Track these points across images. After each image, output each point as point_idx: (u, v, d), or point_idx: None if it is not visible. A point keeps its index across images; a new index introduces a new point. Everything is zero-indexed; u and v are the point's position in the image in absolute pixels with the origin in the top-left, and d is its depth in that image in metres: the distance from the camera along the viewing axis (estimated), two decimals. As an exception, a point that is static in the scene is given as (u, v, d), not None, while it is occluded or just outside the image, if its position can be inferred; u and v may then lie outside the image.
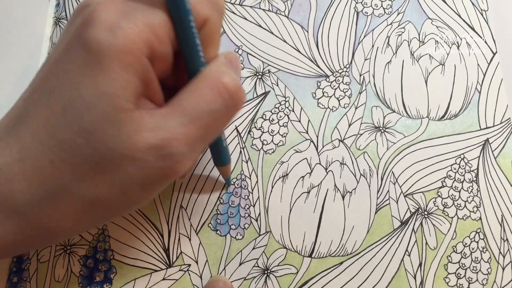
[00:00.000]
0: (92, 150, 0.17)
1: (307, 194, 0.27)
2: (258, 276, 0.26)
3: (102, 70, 0.17)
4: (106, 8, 0.17)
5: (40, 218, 0.18)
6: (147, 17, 0.17)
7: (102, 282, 0.26)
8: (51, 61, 0.18)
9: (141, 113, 0.18)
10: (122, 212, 0.20)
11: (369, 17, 0.32)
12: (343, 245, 0.27)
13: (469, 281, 0.26)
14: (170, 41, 0.18)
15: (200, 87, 0.19)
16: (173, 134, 0.18)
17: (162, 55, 0.18)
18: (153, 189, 0.19)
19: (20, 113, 0.18)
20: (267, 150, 0.28)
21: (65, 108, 0.17)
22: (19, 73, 0.30)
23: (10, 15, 0.31)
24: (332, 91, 0.30)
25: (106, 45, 0.17)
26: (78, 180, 0.17)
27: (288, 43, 0.31)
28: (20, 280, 0.26)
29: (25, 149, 0.18)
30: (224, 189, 0.27)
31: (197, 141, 0.19)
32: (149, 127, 0.17)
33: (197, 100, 0.18)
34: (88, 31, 0.17)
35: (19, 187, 0.18)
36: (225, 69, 0.19)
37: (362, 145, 0.29)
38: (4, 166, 0.18)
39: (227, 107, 0.19)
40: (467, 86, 0.30)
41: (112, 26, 0.17)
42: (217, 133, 0.20)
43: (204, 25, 0.19)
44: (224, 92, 0.19)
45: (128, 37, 0.17)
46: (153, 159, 0.18)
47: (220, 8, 0.20)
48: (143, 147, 0.17)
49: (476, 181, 0.28)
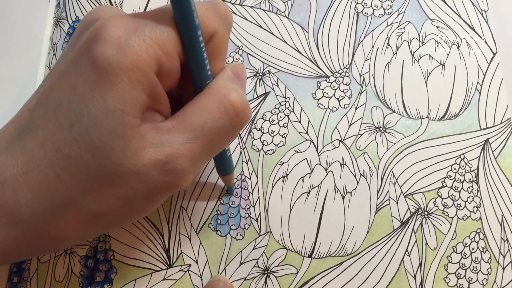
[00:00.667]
0: (98, 165, 0.17)
1: (307, 195, 0.27)
2: (258, 276, 0.26)
3: (111, 87, 0.17)
4: (115, 24, 0.17)
5: (45, 228, 0.18)
6: (155, 33, 0.17)
7: (102, 282, 0.26)
8: (58, 74, 0.18)
9: (146, 128, 0.18)
10: (126, 221, 0.20)
11: (369, 18, 0.32)
12: (343, 245, 0.27)
13: (469, 281, 0.26)
14: (178, 56, 0.18)
15: (207, 103, 0.19)
16: (178, 150, 0.18)
17: (170, 70, 0.18)
18: (157, 200, 0.19)
19: (26, 124, 0.19)
20: (267, 150, 0.28)
21: (72, 123, 0.17)
22: (19, 73, 0.30)
23: (10, 15, 0.31)
24: (332, 91, 0.30)
25: (115, 62, 0.17)
26: (83, 193, 0.18)
27: (288, 43, 0.31)
28: (21, 280, 0.26)
29: (31, 161, 0.18)
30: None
31: (201, 157, 0.19)
32: (153, 143, 0.18)
33: (203, 117, 0.18)
34: (97, 47, 0.17)
35: (24, 199, 0.18)
36: (232, 85, 0.19)
37: (362, 145, 0.29)
38: (10, 178, 0.18)
39: (233, 124, 0.19)
40: (467, 86, 0.30)
41: (120, 43, 0.17)
42: (221, 149, 0.20)
43: (211, 38, 0.19)
44: (231, 110, 0.19)
45: (136, 54, 0.17)
46: (157, 174, 0.18)
47: (228, 21, 0.20)
48: (148, 162, 0.17)
49: (476, 181, 0.28)
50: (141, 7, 0.31)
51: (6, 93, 0.29)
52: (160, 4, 0.32)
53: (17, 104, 0.29)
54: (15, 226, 0.18)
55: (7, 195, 0.18)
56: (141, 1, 0.32)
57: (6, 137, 0.19)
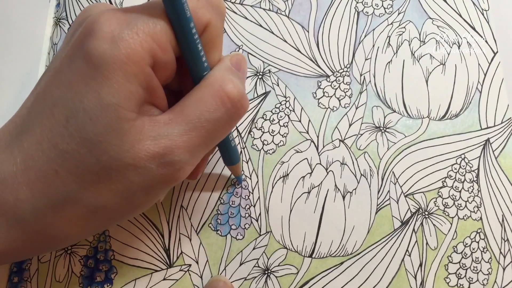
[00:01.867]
0: (96, 160, 0.17)
1: (307, 194, 0.27)
2: (259, 276, 0.26)
3: (105, 82, 0.17)
4: (107, 19, 0.17)
5: (45, 226, 0.18)
6: (148, 26, 0.17)
7: (102, 282, 0.26)
8: (53, 71, 0.18)
9: (143, 122, 0.18)
10: (126, 216, 0.20)
11: (370, 17, 0.32)
12: (343, 245, 0.27)
13: (469, 281, 0.26)
14: (172, 49, 0.18)
15: (203, 95, 0.19)
16: (175, 142, 0.18)
17: (165, 63, 0.18)
18: (156, 194, 0.19)
19: (24, 122, 0.19)
20: (267, 150, 0.28)
21: (68, 119, 0.17)
22: (19, 73, 0.30)
23: (10, 15, 0.31)
24: (332, 91, 0.30)
25: (109, 56, 0.17)
26: (82, 189, 0.18)
27: (288, 43, 0.31)
28: (21, 280, 0.26)
29: (29, 159, 0.18)
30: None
31: (199, 148, 0.19)
32: (151, 135, 0.18)
33: (199, 108, 0.18)
34: (90, 43, 0.17)
35: (23, 197, 0.18)
36: (228, 76, 0.19)
37: (363, 145, 0.29)
38: (9, 176, 0.18)
39: (230, 115, 0.19)
40: (467, 86, 0.30)
41: (113, 37, 0.17)
42: (219, 140, 0.20)
43: (205, 30, 0.19)
44: (227, 101, 0.19)
45: (130, 47, 0.17)
46: (155, 167, 0.18)
47: (221, 11, 0.20)
48: (145, 155, 0.18)
49: (477, 181, 0.28)
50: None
51: (6, 92, 0.29)
52: (160, 3, 0.32)
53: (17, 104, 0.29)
54: (16, 225, 0.18)
55: (7, 193, 0.18)
56: (141, 1, 0.32)
57: (5, 137, 0.19)
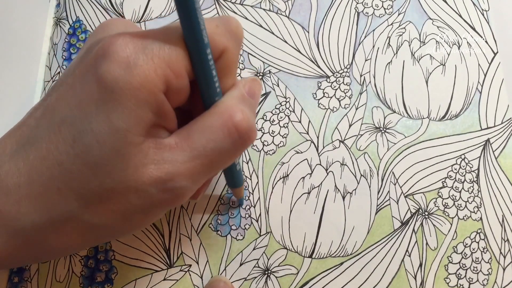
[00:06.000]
0: (99, 182, 0.17)
1: (307, 195, 0.27)
2: (259, 277, 0.26)
3: (116, 107, 0.17)
4: (123, 42, 0.17)
5: (44, 239, 0.19)
6: (164, 52, 0.17)
7: (103, 282, 0.26)
8: (66, 86, 0.18)
9: (149, 145, 0.18)
10: (125, 234, 0.21)
11: (370, 18, 0.32)
12: (343, 246, 0.27)
13: (469, 281, 0.26)
14: (187, 75, 0.18)
15: (211, 123, 0.19)
16: (178, 168, 0.18)
17: (178, 88, 0.18)
18: (155, 215, 0.20)
19: (31, 134, 0.19)
20: (267, 151, 0.28)
21: (75, 139, 0.17)
22: (19, 73, 0.30)
23: (10, 15, 0.31)
24: (332, 91, 0.30)
25: (122, 82, 0.16)
26: (82, 207, 0.18)
27: (288, 43, 0.31)
28: (21, 280, 0.26)
29: (34, 173, 0.18)
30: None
31: (201, 175, 0.19)
32: (155, 159, 0.18)
33: (206, 137, 0.18)
34: (105, 66, 0.17)
35: (24, 210, 0.18)
36: (239, 106, 0.19)
37: (363, 145, 0.29)
38: (13, 188, 0.18)
39: (236, 146, 0.19)
40: (467, 86, 0.30)
41: (129, 62, 0.17)
42: (223, 168, 0.20)
43: (221, 56, 0.19)
44: (234, 132, 0.18)
45: (144, 74, 0.17)
46: (156, 191, 0.18)
47: (238, 37, 0.20)
48: (148, 179, 0.18)
49: (477, 181, 0.28)
50: (142, 7, 0.31)
51: (6, 92, 0.29)
52: (161, 5, 0.32)
53: (17, 104, 0.29)
54: (16, 235, 0.18)
55: (10, 204, 0.18)
56: (141, 1, 0.32)
57: (11, 144, 0.19)
